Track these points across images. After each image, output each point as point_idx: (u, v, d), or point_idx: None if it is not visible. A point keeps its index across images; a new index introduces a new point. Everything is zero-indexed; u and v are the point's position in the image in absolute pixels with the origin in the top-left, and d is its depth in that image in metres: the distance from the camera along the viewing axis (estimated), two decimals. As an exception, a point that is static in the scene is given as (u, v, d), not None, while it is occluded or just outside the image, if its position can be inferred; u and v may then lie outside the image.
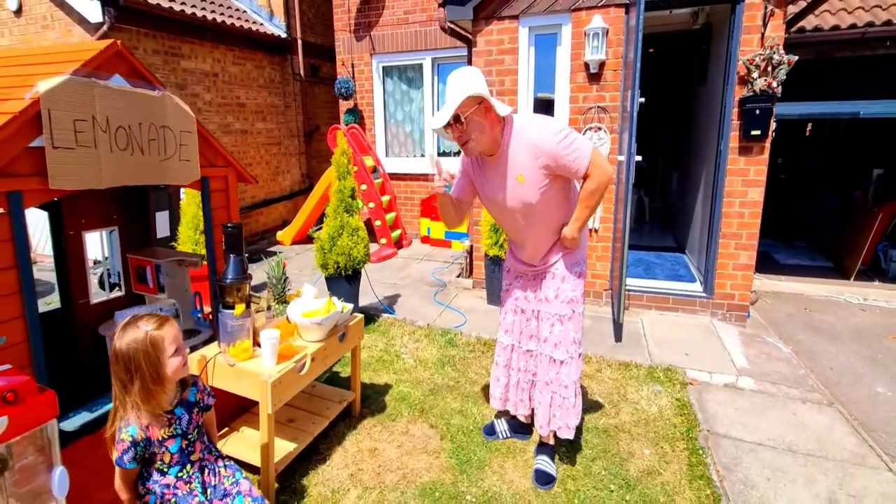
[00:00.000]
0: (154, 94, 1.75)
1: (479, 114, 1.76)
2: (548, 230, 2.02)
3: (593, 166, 1.82)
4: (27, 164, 1.44)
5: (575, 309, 2.08)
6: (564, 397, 2.09)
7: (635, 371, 3.08)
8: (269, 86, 6.54)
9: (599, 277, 4.16)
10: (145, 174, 1.75)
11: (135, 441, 1.30)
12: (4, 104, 1.44)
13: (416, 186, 6.30)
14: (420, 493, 2.06)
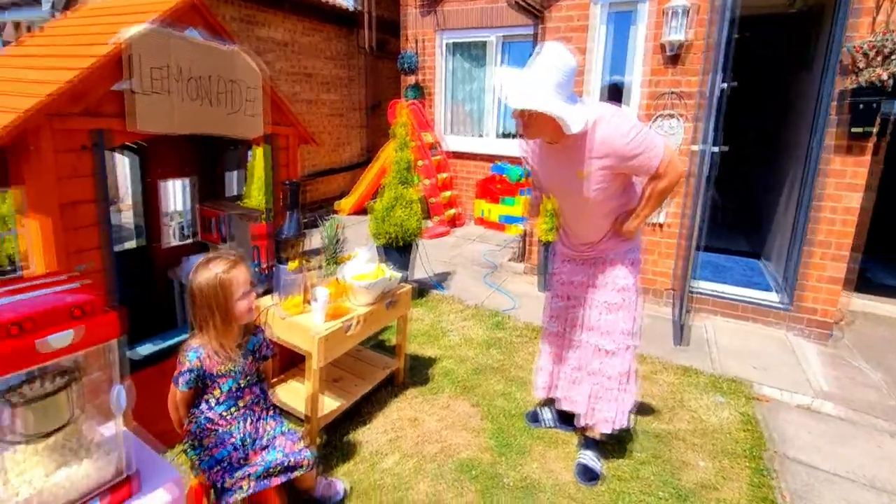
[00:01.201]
0: (225, 49, 1.78)
1: (544, 118, 1.62)
2: (602, 218, 1.89)
3: (665, 165, 1.68)
4: (110, 106, 1.51)
5: (626, 298, 1.93)
6: (608, 389, 1.97)
7: (695, 378, 2.86)
8: (336, 58, 6.64)
9: (661, 275, 3.89)
10: (213, 124, 1.79)
11: (192, 367, 1.35)
12: (92, 48, 1.50)
13: (473, 166, 6.19)
14: (457, 468, 2.03)
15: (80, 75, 1.39)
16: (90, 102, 1.45)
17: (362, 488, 1.88)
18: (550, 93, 1.58)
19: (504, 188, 5.74)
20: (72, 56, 1.52)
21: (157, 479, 1.15)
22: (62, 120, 1.39)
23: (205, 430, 1.41)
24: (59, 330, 0.90)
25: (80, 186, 1.47)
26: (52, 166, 1.39)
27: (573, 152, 1.72)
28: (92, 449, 1.05)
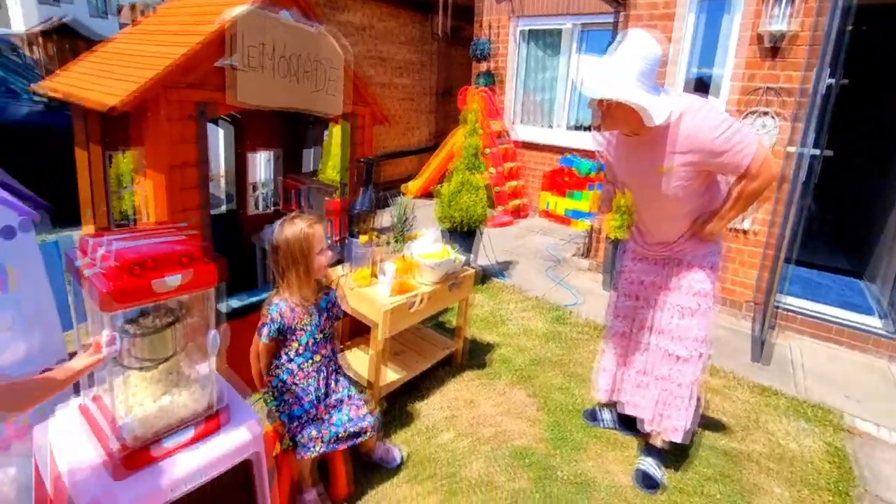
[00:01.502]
0: (313, 31, 1.87)
1: (625, 109, 1.52)
2: (682, 217, 1.76)
3: (758, 164, 1.53)
4: (212, 80, 1.64)
5: (702, 303, 1.80)
6: (678, 396, 1.85)
7: (776, 399, 2.62)
8: (410, 43, 6.74)
9: (742, 286, 3.59)
10: (299, 101, 1.89)
11: (274, 319, 1.46)
12: (200, 27, 1.64)
13: (541, 158, 6.06)
14: (511, 455, 2.02)
15: (191, 51, 1.53)
16: (197, 76, 1.59)
17: (418, 458, 1.94)
18: (632, 82, 1.49)
19: (572, 182, 5.56)
20: (183, 34, 1.67)
21: (241, 417, 1.26)
22: (175, 91, 1.53)
23: (285, 385, 1.52)
24: (170, 273, 1.00)
25: (186, 151, 1.61)
26: (165, 131, 1.54)
27: (654, 145, 1.61)
28: (189, 383, 1.17)
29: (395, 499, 1.74)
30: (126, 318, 1.03)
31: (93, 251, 1.01)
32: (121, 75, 1.59)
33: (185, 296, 1.06)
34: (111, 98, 1.43)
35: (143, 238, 1.07)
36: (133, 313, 1.04)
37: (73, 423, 1.18)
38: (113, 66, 1.73)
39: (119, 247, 1.00)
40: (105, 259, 0.97)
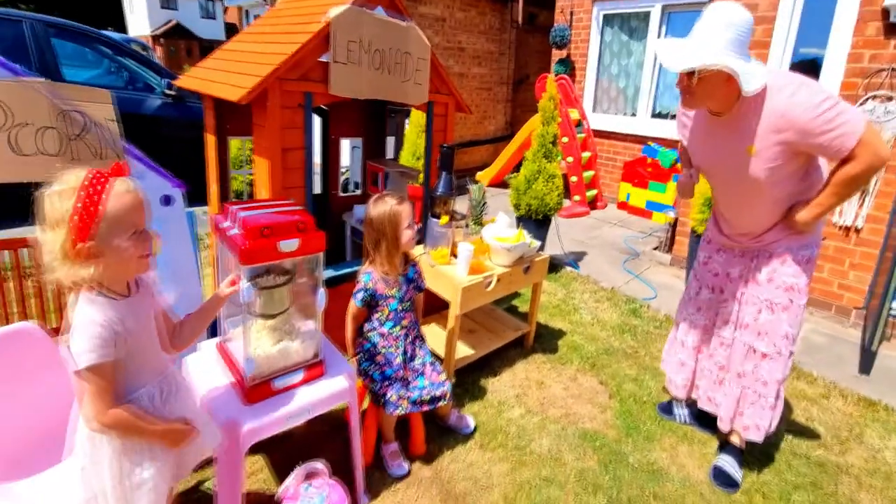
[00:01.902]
0: (403, 25, 2.00)
1: (719, 80, 1.44)
2: (771, 206, 1.63)
3: (862, 146, 1.37)
4: (316, 73, 1.83)
5: (794, 299, 1.67)
6: (761, 395, 1.76)
7: (884, 415, 2.37)
8: (488, 32, 6.77)
9: (850, 290, 3.24)
10: (389, 91, 2.04)
11: (366, 287, 1.63)
12: (307, 27, 1.83)
13: (621, 147, 5.84)
14: (580, 436, 2.06)
15: (300, 48, 1.72)
16: (304, 70, 1.79)
17: (488, 429, 2.04)
18: (722, 49, 1.39)
19: (655, 172, 5.31)
20: (292, 33, 1.88)
21: (338, 369, 1.44)
22: (287, 83, 1.74)
23: (375, 347, 1.69)
24: (290, 238, 1.19)
25: (294, 136, 1.83)
26: (278, 119, 1.76)
27: (743, 124, 1.51)
28: (299, 334, 1.36)
29: (466, 461, 1.87)
30: (254, 273, 1.23)
31: (233, 217, 1.22)
32: (243, 71, 1.83)
33: (299, 258, 1.25)
34: (238, 91, 1.66)
35: (267, 209, 1.27)
36: (260, 270, 1.24)
37: (211, 357, 1.43)
38: (235, 63, 1.99)
39: (251, 214, 1.20)
40: (243, 223, 1.17)
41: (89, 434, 0.98)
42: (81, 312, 0.92)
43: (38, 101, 1.23)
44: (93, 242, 0.88)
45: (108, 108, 1.36)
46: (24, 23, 3.61)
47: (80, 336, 0.91)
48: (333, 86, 1.84)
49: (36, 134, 1.23)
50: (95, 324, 0.91)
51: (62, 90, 1.28)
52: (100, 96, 1.35)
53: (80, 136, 1.30)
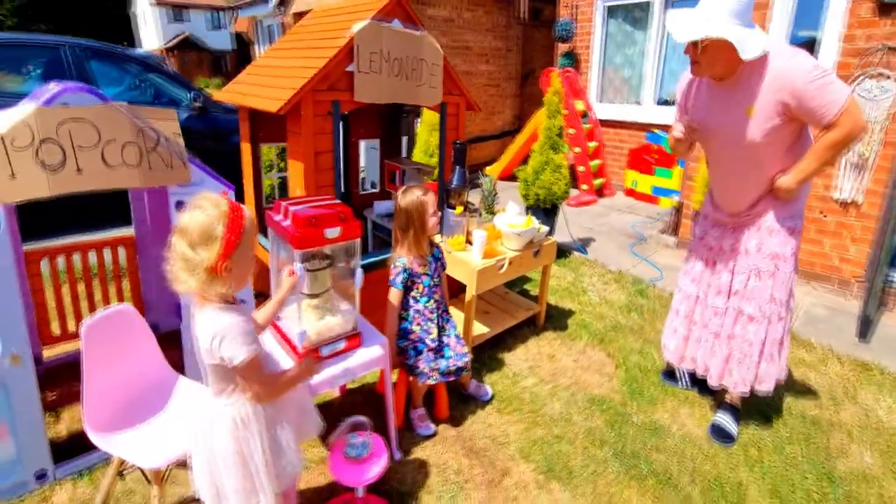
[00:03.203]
0: (417, 34, 2.22)
1: (720, 47, 1.60)
2: (762, 176, 1.79)
3: (845, 115, 1.53)
4: (343, 83, 2.06)
5: (780, 266, 1.84)
6: (746, 354, 1.93)
7: (878, 376, 2.54)
8: (494, 30, 6.94)
9: (851, 263, 3.38)
10: (406, 95, 2.27)
11: (404, 268, 1.86)
12: (334, 41, 2.07)
13: (626, 135, 5.97)
14: (588, 401, 2.28)
15: (328, 62, 1.96)
16: (332, 81, 2.02)
17: (505, 396, 2.27)
18: (725, 19, 1.55)
19: (660, 159, 5.45)
20: (320, 48, 2.11)
21: (372, 340, 1.68)
22: (317, 94, 1.98)
23: (412, 325, 1.91)
24: (333, 226, 1.43)
25: (324, 141, 2.07)
26: (310, 125, 2.00)
27: (745, 87, 1.66)
28: (339, 311, 1.61)
29: (485, 423, 2.10)
30: (303, 257, 1.48)
31: (284, 211, 1.47)
32: (278, 84, 2.08)
33: (339, 244, 1.49)
34: (276, 102, 1.91)
35: (312, 203, 1.51)
36: (308, 255, 1.48)
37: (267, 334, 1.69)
38: (270, 77, 2.24)
39: (299, 208, 1.44)
40: (294, 216, 1.41)
41: (238, 414, 1.17)
42: (217, 321, 1.08)
43: (122, 120, 1.49)
44: (230, 261, 1.05)
45: (175, 124, 1.62)
46: (63, 48, 3.92)
47: (231, 339, 1.07)
48: (358, 93, 2.07)
49: (121, 149, 1.49)
50: (238, 326, 1.08)
51: (139, 111, 1.53)
52: (167, 115, 1.60)
53: (155, 148, 1.56)
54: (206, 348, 1.10)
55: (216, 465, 1.18)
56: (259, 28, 9.15)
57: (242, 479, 1.18)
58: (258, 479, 1.19)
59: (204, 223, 1.04)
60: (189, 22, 26.32)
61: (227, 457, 1.17)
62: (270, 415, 1.22)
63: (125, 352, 1.47)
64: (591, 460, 1.92)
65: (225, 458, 1.17)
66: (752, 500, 1.79)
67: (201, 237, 1.04)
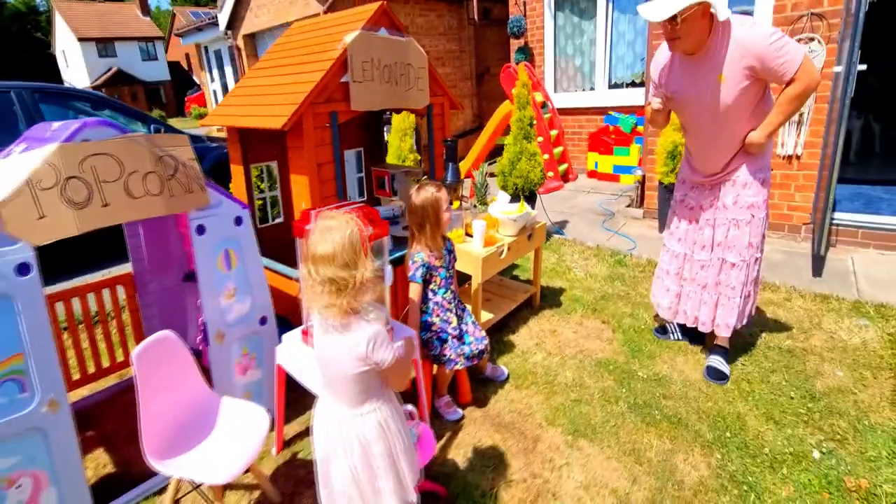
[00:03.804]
0: (403, 40, 2.33)
1: (697, 17, 1.80)
2: (734, 136, 2.03)
3: (801, 71, 1.79)
4: (338, 94, 2.15)
5: (755, 214, 2.10)
6: (730, 297, 2.19)
7: (836, 304, 2.88)
8: (448, 33, 7.12)
9: (798, 210, 3.78)
10: (397, 100, 2.37)
11: (423, 262, 1.96)
12: (326, 53, 2.15)
13: (584, 121, 6.29)
14: (596, 364, 2.47)
15: (325, 74, 2.04)
16: (329, 93, 2.11)
17: (519, 373, 2.43)
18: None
19: (618, 139, 5.79)
20: (312, 62, 2.18)
21: (401, 333, 1.79)
22: (317, 107, 2.06)
23: (433, 317, 2.01)
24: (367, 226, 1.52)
25: (325, 152, 2.15)
26: (312, 138, 2.07)
27: (713, 58, 1.88)
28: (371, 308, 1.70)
29: (507, 399, 2.25)
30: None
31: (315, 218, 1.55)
32: (274, 102, 2.13)
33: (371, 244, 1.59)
34: (278, 119, 1.97)
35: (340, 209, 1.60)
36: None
37: (298, 343, 1.76)
38: (261, 96, 2.29)
39: (330, 214, 1.54)
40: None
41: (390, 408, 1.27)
42: (368, 329, 1.16)
43: (142, 151, 1.52)
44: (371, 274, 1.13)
45: (189, 150, 1.66)
46: (12, 92, 3.76)
47: (380, 343, 1.16)
48: (354, 102, 2.16)
49: (143, 179, 1.53)
50: (383, 331, 1.18)
51: (156, 140, 1.57)
52: (181, 141, 1.64)
53: (174, 175, 1.60)
54: (361, 356, 1.15)
55: (369, 473, 1.21)
56: (205, 54, 8.91)
57: (395, 480, 1.23)
58: (405, 477, 1.26)
59: (347, 242, 1.11)
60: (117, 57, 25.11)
61: (380, 461, 1.21)
62: (398, 410, 1.31)
63: (173, 376, 1.51)
64: (610, 416, 2.11)
65: (378, 464, 1.21)
66: (752, 426, 2.02)
67: (350, 256, 1.11)
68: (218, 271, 1.77)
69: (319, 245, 1.12)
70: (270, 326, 1.97)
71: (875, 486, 1.72)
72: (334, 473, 1.23)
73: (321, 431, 1.25)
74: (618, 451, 1.92)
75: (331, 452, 1.23)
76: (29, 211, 1.31)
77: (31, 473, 1.37)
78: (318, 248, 1.12)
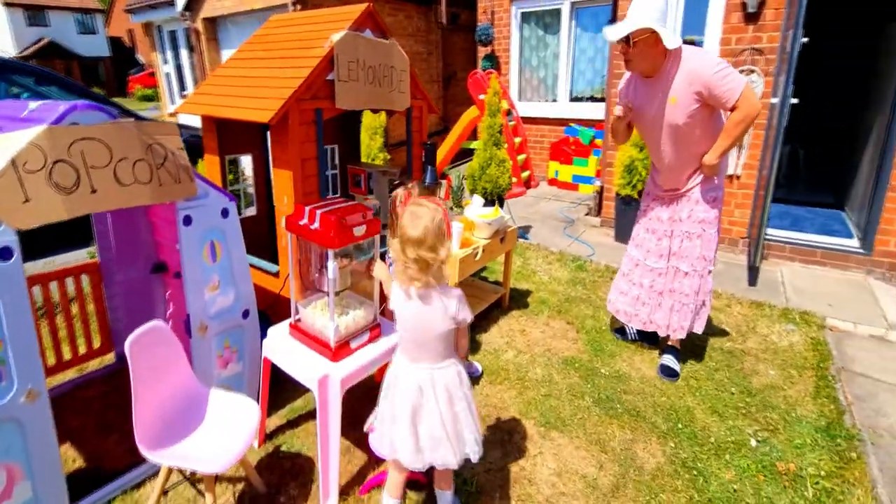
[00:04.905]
0: (386, 42, 2.38)
1: (648, 43, 2.03)
2: (689, 155, 2.24)
3: (742, 99, 2.01)
4: (324, 91, 2.16)
5: (706, 229, 2.32)
6: (684, 304, 2.40)
7: (768, 310, 3.21)
8: (416, 34, 7.17)
9: (737, 225, 4.16)
10: (381, 101, 2.41)
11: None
12: (313, 50, 2.15)
13: (546, 130, 6.55)
14: (563, 362, 2.62)
15: (312, 71, 2.04)
16: (315, 90, 2.11)
17: (492, 370, 2.53)
18: (655, 17, 1.97)
19: (577, 150, 6.08)
20: (297, 57, 2.18)
21: (389, 328, 1.83)
22: (302, 103, 2.06)
23: None
24: (360, 224, 1.57)
25: (309, 148, 2.15)
26: (297, 134, 2.07)
27: (668, 82, 2.09)
28: (360, 304, 1.74)
29: (483, 394, 2.34)
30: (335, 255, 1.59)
31: (310, 215, 1.57)
32: (259, 94, 2.11)
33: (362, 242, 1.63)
34: (264, 113, 1.95)
35: (332, 206, 1.63)
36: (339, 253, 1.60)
37: (285, 336, 1.76)
38: (244, 87, 2.24)
39: (325, 210, 1.56)
40: (323, 218, 1.53)
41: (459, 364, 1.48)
42: (453, 293, 1.41)
43: (131, 137, 1.47)
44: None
45: (177, 139, 1.62)
46: None
47: (463, 304, 1.42)
48: (339, 100, 2.18)
49: (132, 166, 1.49)
50: (462, 294, 1.43)
51: (146, 127, 1.52)
52: (170, 129, 1.60)
53: (163, 164, 1.56)
54: (451, 315, 1.39)
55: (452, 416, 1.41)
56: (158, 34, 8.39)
57: (474, 425, 1.46)
58: (476, 423, 1.47)
59: (435, 226, 1.31)
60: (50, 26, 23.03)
61: (460, 405, 1.43)
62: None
63: (165, 367, 1.48)
64: (577, 409, 2.26)
65: (459, 408, 1.42)
66: (700, 419, 2.24)
67: (438, 238, 1.31)
68: (203, 263, 1.74)
69: (410, 229, 1.31)
70: (253, 320, 1.95)
71: (801, 468, 1.97)
72: (425, 420, 1.42)
73: (411, 386, 1.42)
74: (585, 441, 2.06)
75: (422, 403, 1.41)
76: (13, 193, 1.24)
77: (4, 466, 1.30)
78: (409, 231, 1.31)
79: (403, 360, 1.47)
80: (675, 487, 1.87)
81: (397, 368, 1.48)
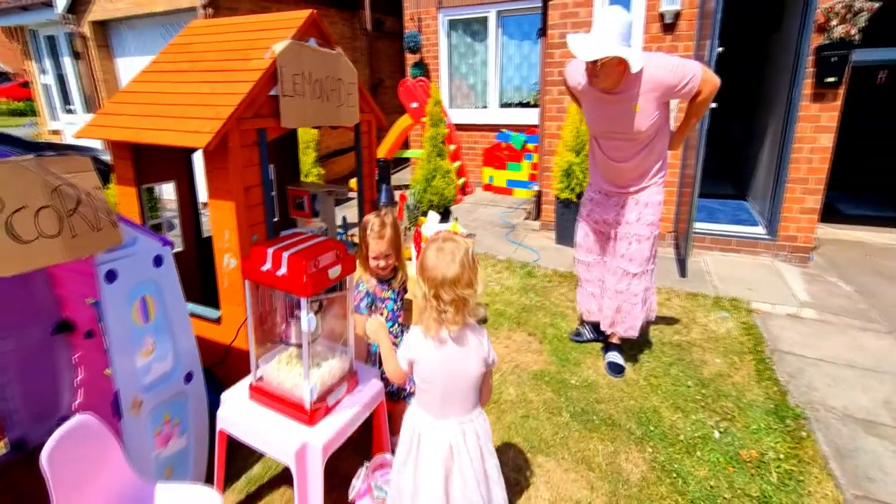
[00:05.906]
0: (333, 53, 2.18)
1: (614, 63, 2.06)
2: (646, 157, 2.33)
3: (704, 82, 2.13)
4: (266, 108, 1.91)
5: (652, 231, 2.44)
6: (633, 304, 2.50)
7: (703, 300, 3.45)
8: (341, 41, 6.83)
9: (663, 220, 4.44)
10: (329, 117, 2.20)
11: (367, 291, 1.79)
12: (249, 62, 1.90)
13: (478, 137, 6.60)
14: (533, 377, 2.58)
15: (255, 87, 1.79)
16: (257, 107, 1.86)
17: (466, 395, 2.42)
18: (615, 41, 2.00)
19: (510, 155, 6.18)
20: (234, 70, 1.90)
21: (366, 374, 1.65)
22: (243, 122, 1.80)
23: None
24: (334, 265, 1.37)
25: (252, 174, 1.88)
26: (238, 158, 1.80)
27: (629, 92, 2.15)
28: (334, 353, 1.54)
29: (461, 424, 2.23)
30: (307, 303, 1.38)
31: (273, 258, 1.34)
32: (188, 114, 1.80)
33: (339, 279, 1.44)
34: (199, 136, 1.67)
35: (298, 244, 1.41)
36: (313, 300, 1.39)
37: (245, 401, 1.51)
38: (166, 106, 1.91)
39: (292, 252, 1.34)
40: (291, 262, 1.31)
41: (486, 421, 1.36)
42: (482, 332, 1.30)
43: (31, 179, 1.15)
44: None
45: (93, 176, 1.31)
46: None
47: (489, 343, 1.31)
48: (284, 118, 1.94)
49: (34, 217, 1.17)
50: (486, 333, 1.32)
51: (51, 165, 1.21)
52: (83, 165, 1.29)
53: (76, 209, 1.25)
54: (483, 355, 1.28)
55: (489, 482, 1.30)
56: (33, 39, 7.15)
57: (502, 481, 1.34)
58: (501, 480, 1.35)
59: (470, 259, 1.19)
60: None
61: (493, 467, 1.32)
62: None
63: (95, 471, 1.17)
64: (557, 427, 2.22)
65: (492, 470, 1.32)
66: (666, 417, 2.31)
67: (473, 273, 1.19)
68: (133, 325, 1.43)
69: (445, 269, 1.18)
70: (197, 383, 1.65)
71: (762, 454, 2.09)
72: (457, 485, 1.27)
73: (441, 447, 1.26)
74: (571, 462, 2.03)
75: (453, 465, 1.27)
76: None
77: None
78: (444, 272, 1.18)
79: (427, 418, 1.30)
80: (661, 494, 1.89)
81: (419, 430, 1.30)
